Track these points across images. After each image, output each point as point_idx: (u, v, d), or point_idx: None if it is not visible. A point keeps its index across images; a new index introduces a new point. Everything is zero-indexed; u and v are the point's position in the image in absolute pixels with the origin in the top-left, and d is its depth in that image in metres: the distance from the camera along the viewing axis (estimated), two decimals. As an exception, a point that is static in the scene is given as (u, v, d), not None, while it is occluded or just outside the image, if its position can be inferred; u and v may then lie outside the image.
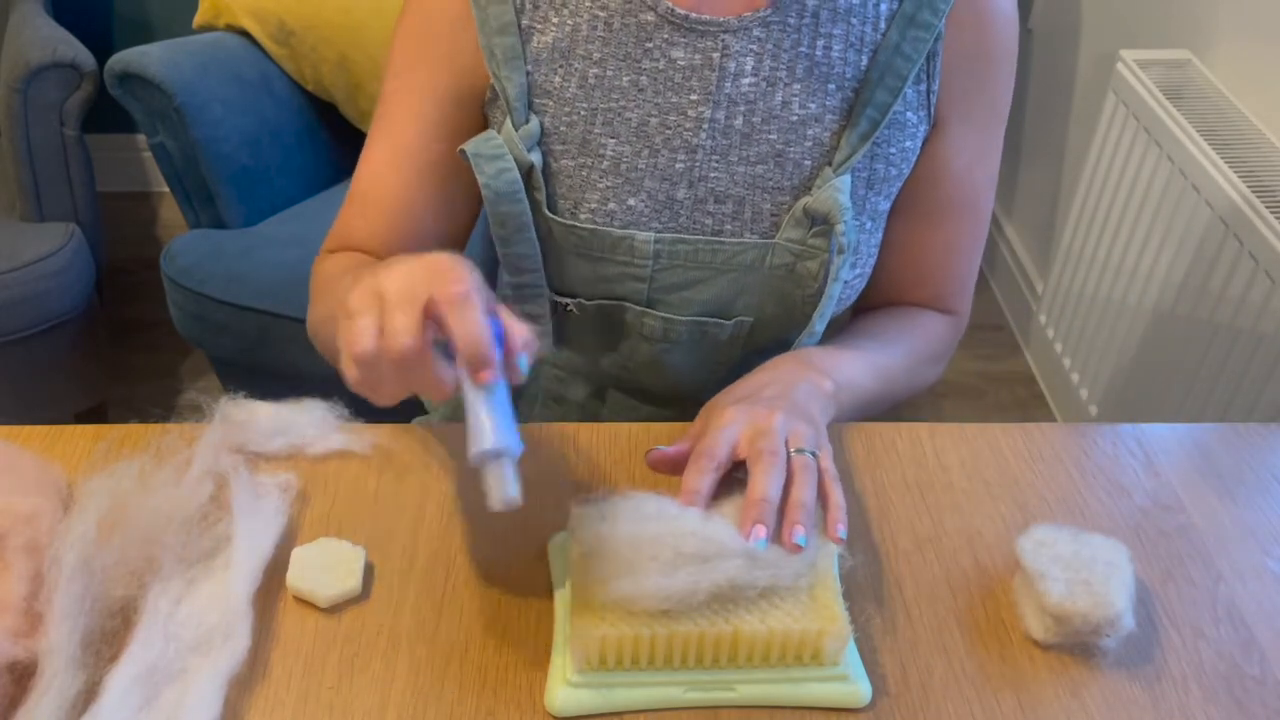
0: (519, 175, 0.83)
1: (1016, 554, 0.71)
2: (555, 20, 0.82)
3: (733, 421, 0.72)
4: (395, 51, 0.88)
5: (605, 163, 0.84)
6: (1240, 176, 1.46)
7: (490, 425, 0.61)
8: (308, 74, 1.89)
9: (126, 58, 1.67)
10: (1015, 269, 2.38)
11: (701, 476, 0.69)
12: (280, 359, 1.64)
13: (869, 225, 0.88)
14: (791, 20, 0.82)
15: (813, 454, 0.71)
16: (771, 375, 0.80)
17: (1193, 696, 0.67)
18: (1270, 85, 1.57)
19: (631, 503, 0.67)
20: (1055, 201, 2.21)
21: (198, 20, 1.91)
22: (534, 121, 0.84)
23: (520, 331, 0.62)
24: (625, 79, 0.82)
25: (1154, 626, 0.72)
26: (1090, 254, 1.88)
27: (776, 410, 0.73)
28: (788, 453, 0.70)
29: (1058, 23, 2.22)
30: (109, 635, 0.64)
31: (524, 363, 0.63)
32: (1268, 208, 1.40)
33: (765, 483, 0.67)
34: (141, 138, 2.59)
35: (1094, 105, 2.03)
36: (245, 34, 1.88)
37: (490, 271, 1.73)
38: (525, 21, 0.83)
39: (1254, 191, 1.43)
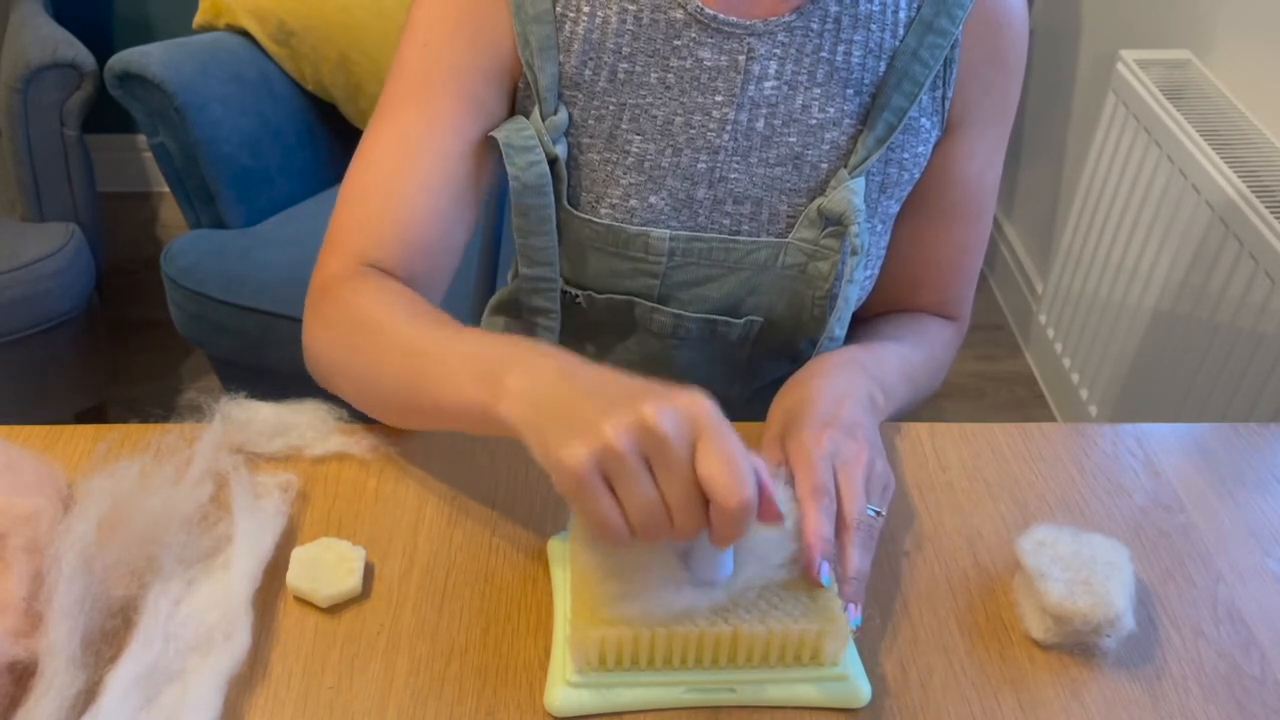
0: (548, 168, 0.83)
1: (1016, 554, 0.71)
2: (586, 10, 0.82)
3: (828, 454, 0.71)
4: (419, 27, 0.83)
5: (630, 159, 0.84)
6: (1240, 176, 1.46)
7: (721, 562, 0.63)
8: (308, 74, 1.89)
9: (126, 58, 1.67)
10: (1015, 269, 2.38)
11: (829, 522, 0.68)
12: (280, 359, 1.64)
13: (879, 228, 0.89)
14: (814, 25, 0.82)
15: (877, 513, 0.70)
16: (838, 385, 0.77)
17: (1193, 696, 0.67)
18: (1270, 85, 1.57)
19: None
20: (1055, 201, 2.21)
21: (198, 20, 1.91)
22: (562, 113, 0.83)
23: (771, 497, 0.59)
24: (653, 76, 0.82)
25: (1154, 626, 0.72)
26: (1090, 254, 1.88)
27: (864, 449, 0.72)
28: (873, 514, 0.70)
29: (1058, 23, 2.22)
30: (109, 635, 0.64)
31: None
32: (1268, 208, 1.40)
33: (856, 557, 0.67)
34: (141, 138, 2.59)
35: (1094, 105, 2.03)
36: (245, 34, 1.88)
37: (489, 267, 1.72)
38: (559, 9, 0.82)
39: (1254, 191, 1.43)
